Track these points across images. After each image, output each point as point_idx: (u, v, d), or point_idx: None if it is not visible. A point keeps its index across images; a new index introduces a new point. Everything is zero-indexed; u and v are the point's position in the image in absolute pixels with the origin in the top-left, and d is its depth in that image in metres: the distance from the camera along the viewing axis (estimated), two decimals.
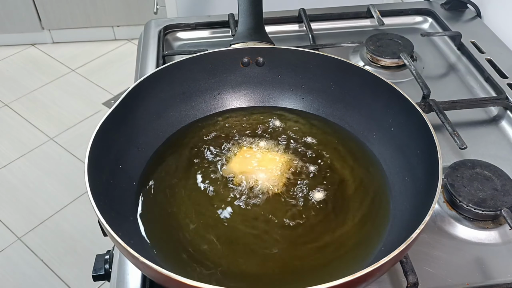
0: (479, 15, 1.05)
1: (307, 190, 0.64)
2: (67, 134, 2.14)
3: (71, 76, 2.48)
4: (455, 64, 0.94)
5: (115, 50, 2.66)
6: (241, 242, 0.59)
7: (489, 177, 0.66)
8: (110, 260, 0.67)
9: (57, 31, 2.65)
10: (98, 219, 0.50)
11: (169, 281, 0.45)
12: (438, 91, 0.82)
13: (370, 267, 0.45)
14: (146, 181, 0.66)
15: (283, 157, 0.69)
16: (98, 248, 0.88)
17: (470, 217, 0.64)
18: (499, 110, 0.82)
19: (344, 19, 1.05)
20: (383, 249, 0.57)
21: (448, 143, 0.75)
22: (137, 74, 0.92)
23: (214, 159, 0.69)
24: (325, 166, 0.68)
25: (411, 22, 1.06)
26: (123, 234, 0.49)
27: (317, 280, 0.44)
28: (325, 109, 0.75)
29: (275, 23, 1.01)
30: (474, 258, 0.61)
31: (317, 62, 0.74)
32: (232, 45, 0.78)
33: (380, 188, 0.65)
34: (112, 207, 0.57)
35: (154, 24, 1.03)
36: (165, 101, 0.72)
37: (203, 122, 0.75)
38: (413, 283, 0.55)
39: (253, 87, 0.77)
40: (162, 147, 0.71)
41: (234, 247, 0.58)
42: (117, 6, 2.54)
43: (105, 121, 0.61)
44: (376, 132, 0.70)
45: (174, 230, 0.60)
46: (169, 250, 0.58)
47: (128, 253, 0.47)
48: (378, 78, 0.68)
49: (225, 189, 0.65)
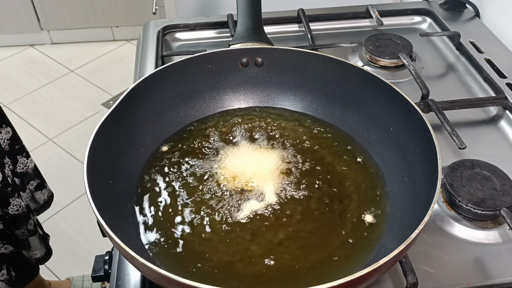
0: (478, 15, 1.05)
1: (305, 190, 0.64)
2: (66, 135, 2.14)
3: (70, 77, 2.48)
4: (454, 64, 0.94)
5: (114, 50, 2.66)
6: (241, 242, 0.59)
7: (488, 177, 0.66)
8: (109, 261, 0.67)
9: (56, 32, 2.65)
10: (97, 220, 0.50)
11: (168, 281, 0.45)
12: (437, 91, 0.83)
13: (370, 267, 0.45)
14: (145, 181, 0.66)
15: (282, 157, 0.69)
16: (97, 249, 0.88)
17: (470, 217, 0.64)
18: (498, 110, 0.82)
19: (343, 19, 1.05)
20: (383, 249, 0.57)
21: (447, 143, 0.75)
22: (136, 74, 0.92)
23: (213, 160, 0.69)
24: (324, 167, 0.68)
25: (410, 22, 1.06)
26: (122, 235, 0.49)
27: (316, 280, 0.44)
28: (324, 109, 0.75)
29: (274, 24, 1.02)
30: (473, 258, 0.61)
31: (316, 62, 0.74)
32: (231, 45, 0.78)
33: (380, 188, 0.65)
34: (111, 208, 0.56)
35: (153, 25, 1.03)
36: (164, 101, 0.72)
37: (202, 122, 0.75)
38: (413, 283, 0.55)
39: (252, 87, 0.77)
40: (161, 147, 0.71)
41: (233, 247, 0.58)
42: (116, 6, 2.54)
43: (104, 122, 0.61)
44: (375, 132, 0.70)
45: (173, 231, 0.60)
46: (168, 250, 0.58)
47: (127, 254, 0.47)
48: (377, 78, 0.68)
49: (224, 190, 0.64)
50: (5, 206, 1.09)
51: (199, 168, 0.68)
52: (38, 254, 1.25)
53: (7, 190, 1.08)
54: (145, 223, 0.61)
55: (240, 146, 0.71)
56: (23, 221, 1.15)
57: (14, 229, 1.16)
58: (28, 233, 1.18)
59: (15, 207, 1.11)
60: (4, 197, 1.08)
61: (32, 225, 1.19)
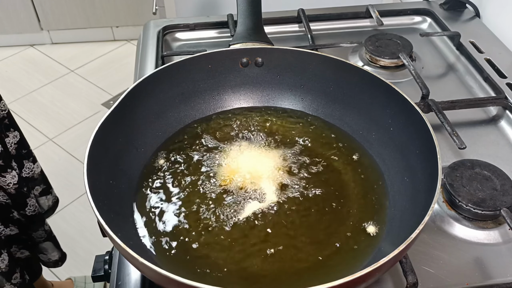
0: (478, 15, 1.05)
1: (306, 190, 0.64)
2: (66, 135, 2.14)
3: (70, 77, 2.48)
4: (454, 64, 0.94)
5: (114, 50, 2.66)
6: (241, 242, 0.59)
7: (489, 177, 0.66)
8: (109, 261, 0.67)
9: (56, 32, 2.65)
10: (98, 220, 0.50)
11: (169, 281, 0.45)
12: (437, 91, 0.83)
13: (370, 267, 0.45)
14: (146, 181, 0.66)
15: (283, 157, 0.69)
16: (97, 249, 0.88)
17: (470, 217, 0.64)
18: (498, 110, 0.82)
19: (343, 19, 1.05)
20: (383, 249, 0.57)
21: (447, 143, 0.75)
22: (136, 74, 0.92)
23: (213, 160, 0.69)
24: (324, 167, 0.68)
25: (410, 22, 1.06)
26: (123, 235, 0.49)
27: (316, 280, 0.44)
28: (324, 109, 0.75)
29: (274, 24, 1.02)
30: (473, 258, 0.61)
31: (316, 62, 0.74)
32: (231, 45, 0.78)
33: (380, 188, 0.65)
34: (112, 208, 0.56)
35: (153, 25, 1.03)
36: (164, 101, 0.72)
37: (202, 122, 0.75)
38: (413, 283, 0.55)
39: (252, 87, 0.77)
40: (161, 147, 0.71)
41: (234, 247, 0.58)
42: (116, 6, 2.54)
43: (104, 122, 0.61)
44: (375, 132, 0.70)
45: (174, 231, 0.60)
46: (168, 250, 0.58)
47: (128, 253, 0.47)
48: (377, 78, 0.68)
49: (224, 190, 0.64)
50: (23, 208, 1.09)
51: (200, 168, 0.68)
52: (56, 256, 1.25)
53: (23, 190, 1.07)
54: (145, 223, 0.61)
55: (240, 146, 0.71)
56: (40, 222, 1.15)
57: (31, 232, 1.16)
58: (45, 234, 1.18)
59: (32, 207, 1.11)
60: (22, 198, 1.08)
61: (48, 226, 1.19)
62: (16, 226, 1.12)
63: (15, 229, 1.12)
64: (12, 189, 1.04)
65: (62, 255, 1.29)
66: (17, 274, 1.08)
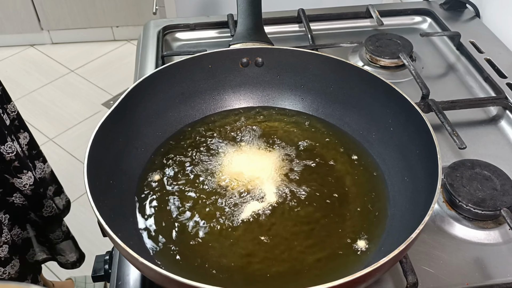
0: (478, 15, 1.05)
1: (306, 190, 0.64)
2: (66, 135, 2.14)
3: (70, 77, 2.48)
4: (454, 64, 0.94)
5: (114, 50, 2.66)
6: (241, 243, 0.59)
7: (489, 177, 0.66)
8: (109, 261, 0.67)
9: (56, 32, 2.65)
10: (98, 220, 0.50)
11: (169, 281, 0.45)
12: (437, 91, 0.83)
13: (370, 267, 0.45)
14: (146, 181, 0.66)
15: (283, 157, 0.69)
16: (97, 249, 0.88)
17: (470, 217, 0.64)
18: (498, 110, 0.82)
19: (343, 19, 1.05)
20: (383, 249, 0.57)
21: (448, 143, 0.75)
22: (136, 74, 0.92)
23: (213, 160, 0.69)
24: (324, 167, 0.68)
25: (410, 22, 1.06)
26: (123, 235, 0.49)
27: (316, 280, 0.44)
28: (324, 109, 0.75)
29: (274, 24, 1.02)
30: (473, 258, 0.61)
31: (316, 62, 0.74)
32: (231, 45, 0.78)
33: (380, 188, 0.65)
34: (111, 208, 0.56)
35: (153, 25, 1.03)
36: (164, 101, 0.72)
37: (202, 122, 0.75)
38: (413, 283, 0.55)
39: (252, 87, 0.77)
40: (161, 147, 0.71)
41: (234, 248, 0.58)
42: (116, 6, 2.54)
43: (104, 122, 0.61)
44: (376, 132, 0.70)
45: (174, 231, 0.60)
46: (169, 250, 0.58)
47: (128, 253, 0.47)
48: (377, 78, 0.68)
49: (224, 191, 0.64)
50: (39, 209, 1.09)
51: (200, 168, 0.68)
52: (74, 257, 1.24)
53: (39, 191, 1.07)
54: (145, 223, 0.61)
55: (240, 146, 0.71)
56: (57, 223, 1.15)
57: (48, 234, 1.15)
58: (62, 235, 1.17)
59: (48, 208, 1.11)
60: (38, 199, 1.07)
61: (65, 227, 1.19)
62: (33, 228, 1.11)
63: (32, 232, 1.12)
64: (29, 190, 1.04)
65: (80, 255, 1.28)
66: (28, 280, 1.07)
